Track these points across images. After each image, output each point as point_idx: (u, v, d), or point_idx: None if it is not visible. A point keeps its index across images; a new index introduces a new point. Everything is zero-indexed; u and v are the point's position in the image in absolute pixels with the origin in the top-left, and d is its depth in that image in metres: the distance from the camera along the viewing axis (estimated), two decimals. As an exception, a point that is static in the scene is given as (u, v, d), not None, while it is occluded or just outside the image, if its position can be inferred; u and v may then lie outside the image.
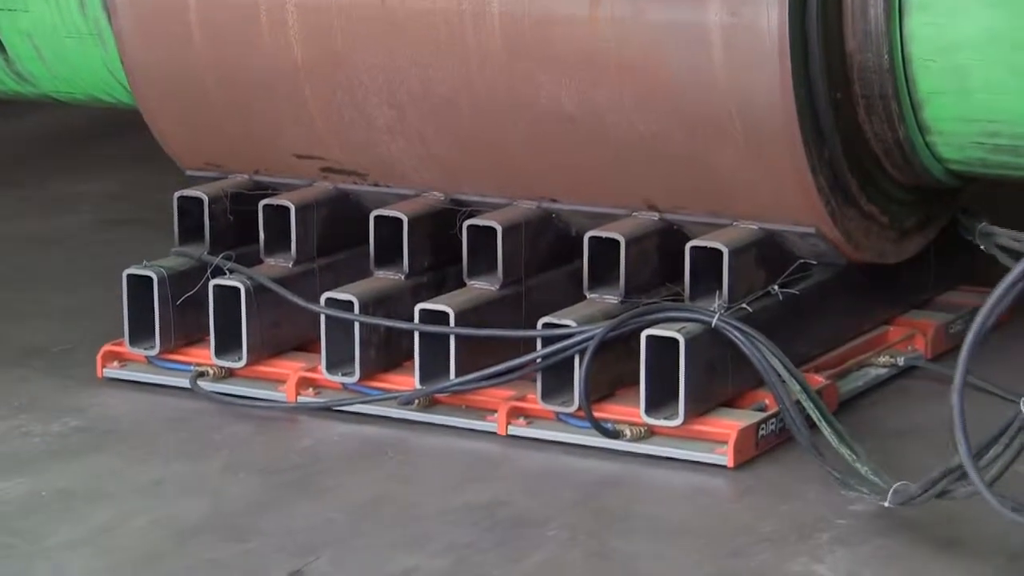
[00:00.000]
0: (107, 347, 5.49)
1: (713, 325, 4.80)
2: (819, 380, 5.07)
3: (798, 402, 4.76)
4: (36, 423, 5.16)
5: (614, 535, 4.44)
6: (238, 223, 5.51)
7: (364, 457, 4.91)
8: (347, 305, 5.10)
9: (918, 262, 5.55)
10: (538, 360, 4.88)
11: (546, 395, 4.91)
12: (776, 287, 5.02)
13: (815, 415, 4.76)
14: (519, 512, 4.52)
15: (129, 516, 4.54)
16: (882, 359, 5.40)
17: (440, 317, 4.99)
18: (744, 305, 4.91)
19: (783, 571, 4.22)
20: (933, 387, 5.35)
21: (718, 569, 4.23)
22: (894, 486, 4.36)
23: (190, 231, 5.52)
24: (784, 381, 4.77)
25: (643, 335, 4.77)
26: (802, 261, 5.10)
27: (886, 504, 4.37)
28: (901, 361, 5.41)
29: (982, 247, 5.41)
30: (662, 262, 5.09)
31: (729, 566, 4.24)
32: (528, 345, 4.96)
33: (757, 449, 4.83)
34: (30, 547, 4.42)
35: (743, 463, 4.77)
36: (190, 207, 5.51)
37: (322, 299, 5.14)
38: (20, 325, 6.07)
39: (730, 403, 4.97)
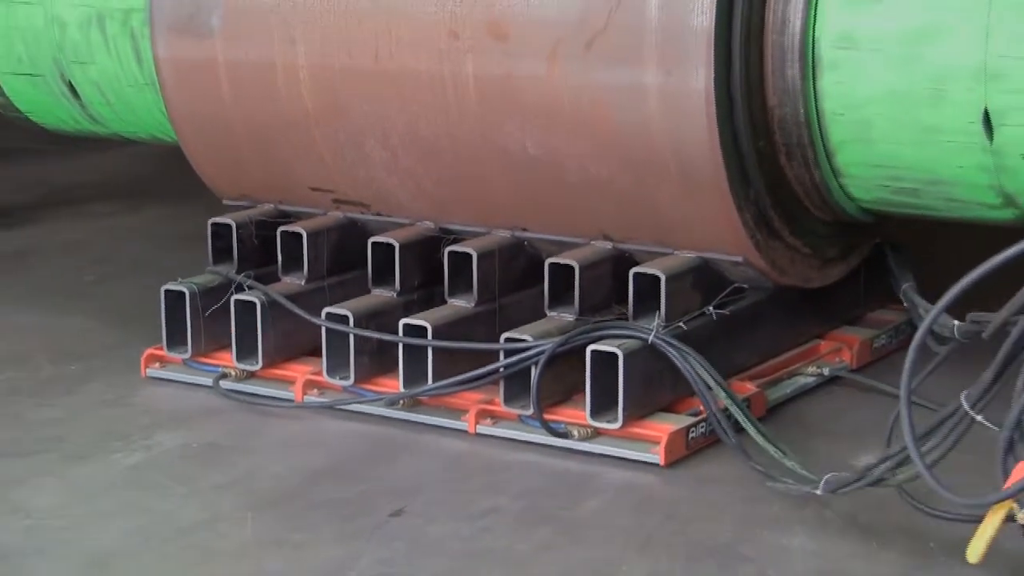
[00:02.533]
0: (149, 351, 5.45)
1: (650, 341, 4.71)
2: (749, 388, 4.97)
3: (726, 409, 4.66)
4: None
5: (559, 511, 4.40)
6: (262, 246, 5.45)
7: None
8: (344, 319, 5.04)
9: (850, 283, 5.43)
10: (501, 369, 4.81)
11: (509, 399, 4.83)
12: (711, 308, 4.92)
13: (741, 419, 4.66)
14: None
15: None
16: (810, 369, 5.27)
17: (422, 330, 4.92)
18: (680, 324, 4.81)
19: (689, 539, 4.22)
20: (856, 394, 5.24)
21: (636, 536, 4.23)
22: (826, 476, 4.23)
23: (222, 252, 5.47)
24: (711, 389, 4.67)
25: (588, 350, 4.69)
26: (735, 285, 4.98)
27: (818, 492, 4.22)
28: (827, 371, 5.27)
29: (904, 303, 5.27)
30: (614, 285, 4.97)
31: (644, 536, 4.25)
32: (496, 355, 4.86)
33: (688, 449, 4.72)
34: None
35: (674, 461, 4.66)
36: (222, 231, 5.46)
37: (323, 313, 5.08)
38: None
39: (669, 408, 4.85)
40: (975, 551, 3.63)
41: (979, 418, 3.76)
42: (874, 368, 5.40)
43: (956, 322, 4.40)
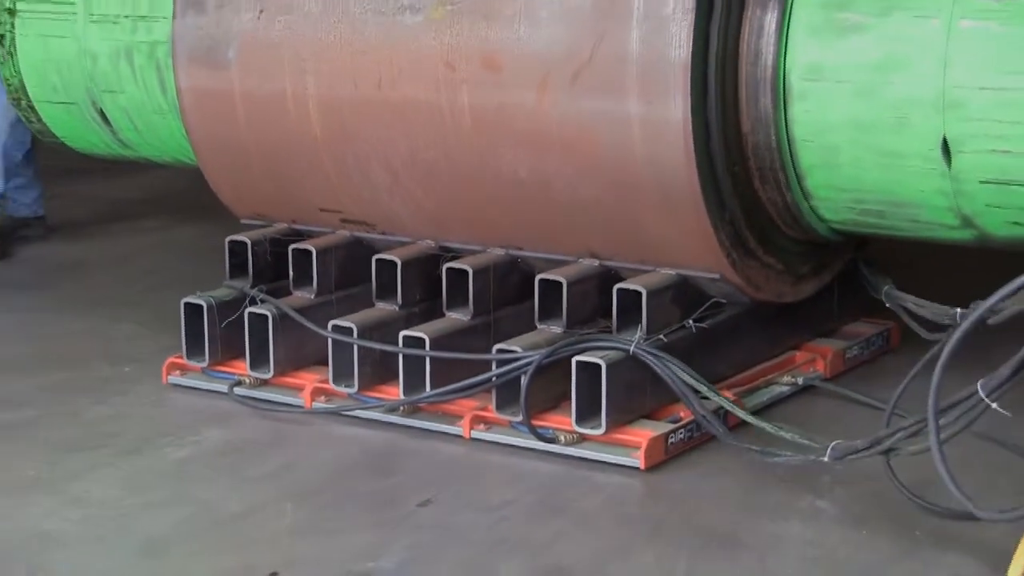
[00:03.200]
0: (170, 359, 5.47)
1: (631, 352, 4.71)
2: (728, 396, 4.92)
3: (718, 408, 4.71)
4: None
5: (545, 508, 4.42)
6: (276, 262, 5.46)
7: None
8: (349, 331, 5.04)
9: (824, 297, 5.42)
10: (493, 378, 4.81)
11: (501, 406, 4.83)
12: (690, 321, 4.91)
13: (729, 407, 4.70)
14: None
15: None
16: (785, 379, 5.25)
17: (421, 342, 4.93)
18: (661, 336, 4.81)
19: (693, 528, 4.25)
20: (829, 403, 5.21)
21: (644, 526, 4.29)
22: (832, 443, 4.22)
23: (238, 268, 5.48)
24: (697, 393, 4.68)
25: (574, 360, 4.68)
26: (714, 300, 4.98)
27: (824, 459, 4.23)
28: (801, 381, 5.25)
29: (888, 305, 5.23)
30: (600, 300, 4.96)
31: (651, 525, 4.30)
32: (490, 365, 4.85)
33: (667, 454, 4.71)
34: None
35: (654, 465, 4.65)
36: (238, 248, 5.48)
37: (329, 325, 5.09)
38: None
39: (651, 415, 4.85)
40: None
41: (994, 405, 3.70)
42: (847, 378, 5.38)
43: (959, 309, 4.42)
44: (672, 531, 4.27)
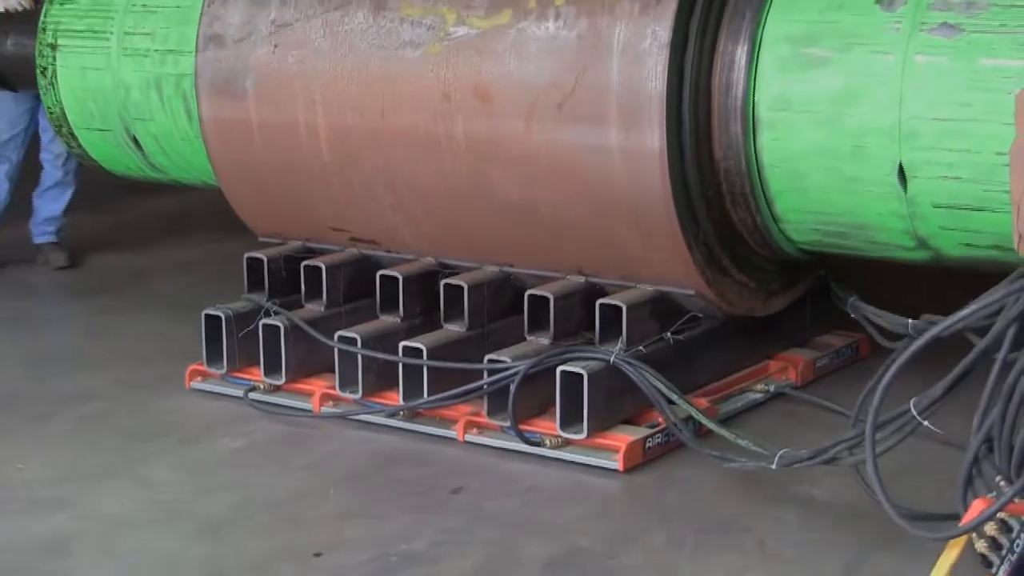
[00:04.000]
0: (192, 366, 5.45)
1: (611, 362, 4.67)
2: (703, 402, 4.90)
3: (688, 417, 4.67)
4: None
5: (532, 504, 4.41)
6: (291, 277, 5.44)
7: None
8: (353, 341, 5.03)
9: (797, 310, 5.37)
10: (484, 386, 4.78)
11: (492, 412, 4.81)
12: (668, 334, 4.88)
13: (694, 413, 4.66)
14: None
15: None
16: (758, 386, 5.21)
17: (420, 352, 4.90)
18: (640, 347, 4.77)
19: (699, 514, 4.29)
20: (799, 408, 5.16)
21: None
22: (779, 452, 4.23)
23: (256, 282, 5.47)
24: (670, 402, 4.64)
25: (558, 370, 4.66)
26: (691, 314, 4.94)
27: (772, 467, 4.23)
28: (772, 388, 5.21)
29: (852, 316, 5.18)
30: (585, 313, 4.92)
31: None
32: (482, 374, 4.82)
33: (644, 457, 4.67)
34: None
35: (632, 467, 4.62)
36: (256, 264, 5.46)
37: (336, 336, 5.07)
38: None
39: (631, 421, 4.81)
40: None
41: (926, 423, 3.68)
42: (816, 385, 5.33)
43: (911, 320, 4.37)
44: (679, 517, 4.31)
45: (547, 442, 4.71)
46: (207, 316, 5.35)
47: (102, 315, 6.52)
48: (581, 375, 4.62)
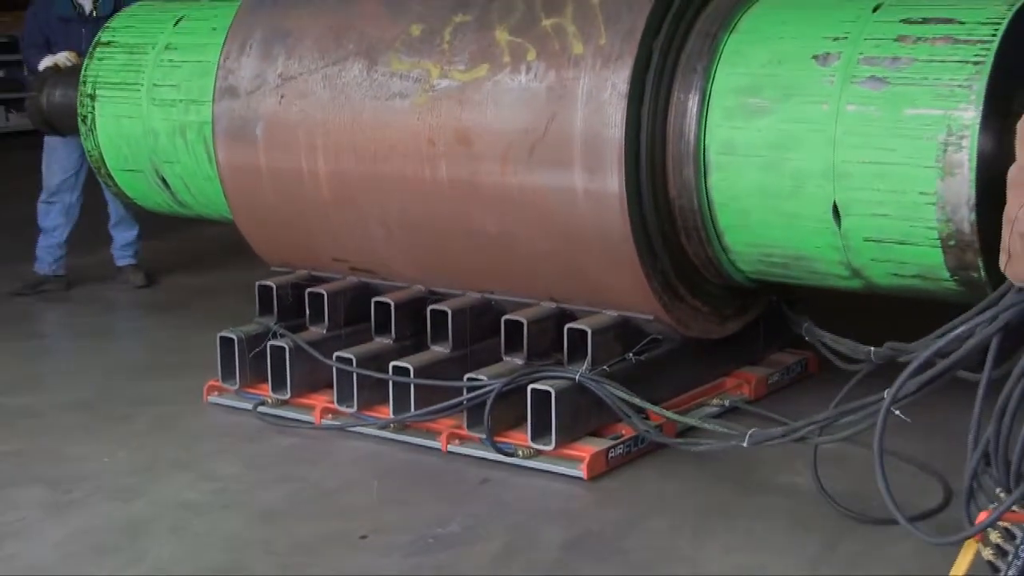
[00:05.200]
0: (210, 382, 5.38)
1: (577, 380, 4.59)
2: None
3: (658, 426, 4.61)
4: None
5: (504, 507, 4.34)
6: (297, 302, 5.36)
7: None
8: (349, 361, 4.95)
9: (752, 331, 5.27)
10: (464, 402, 4.70)
11: (471, 425, 4.72)
12: (631, 354, 4.79)
13: (657, 411, 4.59)
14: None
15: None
16: (714, 401, 5.11)
17: (407, 371, 4.82)
18: (604, 367, 4.68)
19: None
20: (752, 421, 4.99)
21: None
22: (750, 431, 4.18)
23: (266, 307, 5.40)
24: (632, 408, 4.57)
25: (529, 388, 4.58)
26: (652, 336, 4.85)
27: (744, 444, 4.18)
28: (728, 402, 5.11)
29: (807, 339, 5.07)
30: (557, 336, 4.83)
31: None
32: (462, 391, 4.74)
33: (607, 466, 4.58)
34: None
35: (595, 476, 4.52)
36: (266, 291, 5.39)
37: (334, 356, 5.00)
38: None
39: (597, 433, 4.72)
40: None
41: (896, 412, 3.55)
42: (768, 400, 5.22)
43: (872, 348, 4.29)
44: (677, 503, 4.32)
45: (520, 452, 4.62)
46: (222, 338, 5.28)
47: (174, 328, 6.53)
48: (549, 392, 4.53)
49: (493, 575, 3.89)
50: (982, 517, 3.15)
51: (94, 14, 6.98)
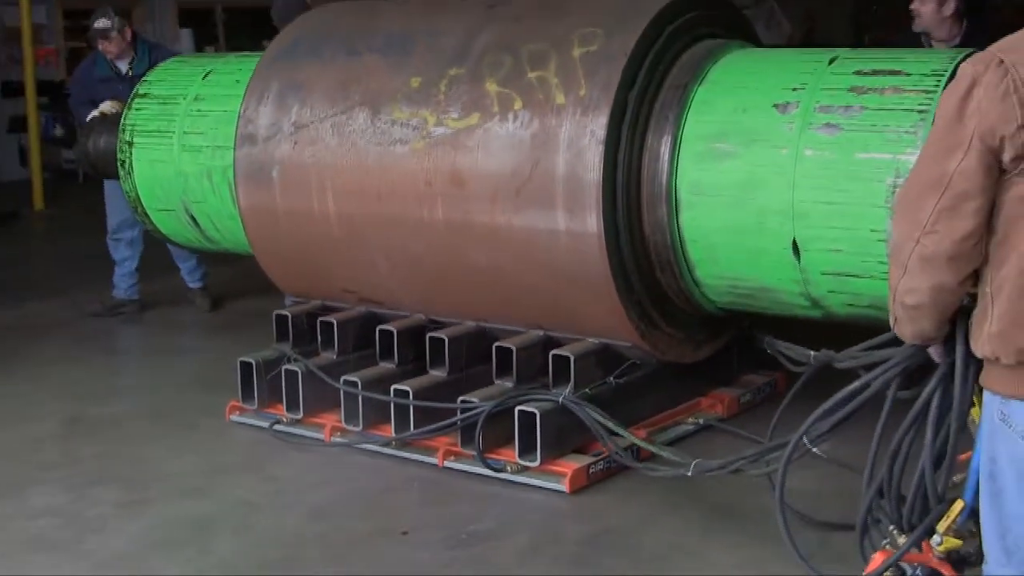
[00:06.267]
0: (232, 403, 5.30)
1: (561, 402, 4.49)
2: (642, 433, 4.69)
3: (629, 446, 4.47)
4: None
5: (493, 516, 4.27)
6: (311, 329, 5.28)
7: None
8: (355, 384, 4.86)
9: (726, 355, 5.15)
10: (458, 422, 4.61)
11: (465, 443, 4.63)
12: (611, 378, 4.68)
13: (624, 434, 4.46)
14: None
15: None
16: (690, 419, 5.00)
17: (407, 393, 4.74)
18: (587, 390, 4.58)
19: (704, 504, 4.23)
20: (726, 438, 4.91)
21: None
22: (695, 461, 4.10)
23: (283, 334, 5.32)
24: (611, 433, 4.45)
25: (516, 409, 4.48)
26: (631, 361, 4.74)
27: (688, 474, 4.09)
28: (702, 421, 5.00)
29: (768, 351, 4.96)
30: (544, 361, 4.71)
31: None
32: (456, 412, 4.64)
33: (588, 481, 4.48)
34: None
35: (577, 489, 4.43)
36: (283, 319, 5.31)
37: (341, 380, 4.91)
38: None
39: (580, 449, 4.61)
40: None
41: (815, 450, 3.48)
42: (740, 418, 5.11)
43: (812, 352, 4.19)
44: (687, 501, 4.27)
45: (508, 468, 4.52)
46: (242, 363, 5.20)
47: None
48: (535, 414, 4.44)
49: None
50: (877, 559, 3.03)
51: (129, 73, 6.96)
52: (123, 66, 7.04)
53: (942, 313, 2.63)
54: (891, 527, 3.14)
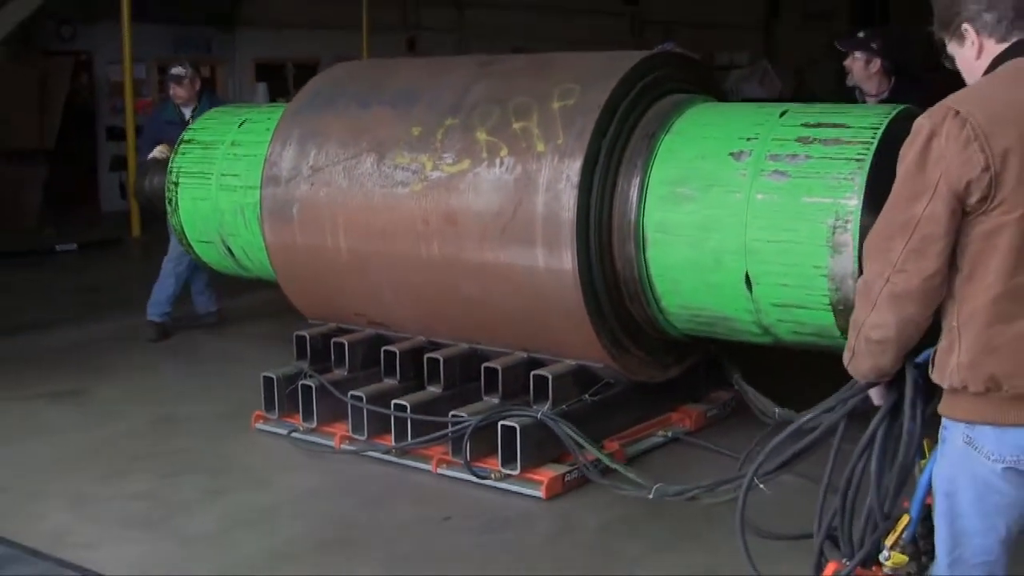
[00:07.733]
0: (256, 413, 5.16)
1: (539, 418, 4.32)
2: (615, 445, 4.53)
3: (595, 461, 4.30)
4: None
5: (479, 518, 4.13)
6: (326, 348, 5.13)
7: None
8: (361, 398, 4.72)
9: (694, 373, 4.97)
10: (449, 434, 4.46)
11: (455, 452, 4.47)
12: (587, 396, 4.51)
13: (595, 452, 4.31)
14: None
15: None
16: (660, 432, 4.81)
17: (406, 407, 4.58)
18: (563, 407, 4.42)
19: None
20: (691, 450, 4.75)
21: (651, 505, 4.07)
22: (656, 486, 3.96)
23: (302, 352, 5.18)
24: (581, 447, 4.29)
25: (499, 424, 4.33)
26: (605, 380, 4.57)
27: (650, 497, 3.94)
28: (671, 434, 4.81)
29: (736, 389, 4.79)
30: (527, 380, 4.55)
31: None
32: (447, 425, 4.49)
33: (564, 488, 4.30)
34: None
35: (553, 496, 4.26)
36: (302, 340, 5.17)
37: (348, 395, 4.77)
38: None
39: (559, 460, 4.44)
40: None
41: (761, 486, 3.20)
42: (707, 432, 4.92)
43: (778, 409, 4.01)
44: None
45: (493, 475, 4.36)
46: (264, 377, 5.08)
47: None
48: (515, 428, 4.28)
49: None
50: (829, 568, 2.83)
51: (190, 120, 6.87)
52: (187, 112, 6.96)
53: (903, 348, 2.46)
54: (844, 560, 2.88)
